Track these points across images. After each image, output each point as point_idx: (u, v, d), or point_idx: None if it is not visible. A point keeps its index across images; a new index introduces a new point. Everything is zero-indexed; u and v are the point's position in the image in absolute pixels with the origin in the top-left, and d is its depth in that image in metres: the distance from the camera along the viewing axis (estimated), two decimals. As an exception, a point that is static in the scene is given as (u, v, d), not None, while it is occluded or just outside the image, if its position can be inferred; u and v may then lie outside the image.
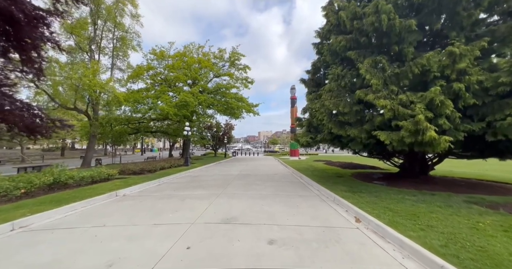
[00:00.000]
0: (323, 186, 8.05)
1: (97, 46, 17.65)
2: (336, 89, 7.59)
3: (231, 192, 7.56)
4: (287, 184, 9.30)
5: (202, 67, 23.39)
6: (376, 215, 4.50)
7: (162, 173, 12.26)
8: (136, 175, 11.42)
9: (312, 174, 11.80)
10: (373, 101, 6.02)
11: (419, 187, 7.20)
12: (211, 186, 8.76)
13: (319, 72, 10.68)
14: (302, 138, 10.19)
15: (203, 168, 16.34)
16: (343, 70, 7.52)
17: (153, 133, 24.87)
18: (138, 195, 7.23)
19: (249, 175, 12.36)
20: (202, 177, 11.75)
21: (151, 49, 22.78)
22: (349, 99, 7.20)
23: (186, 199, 6.59)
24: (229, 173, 13.44)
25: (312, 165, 17.33)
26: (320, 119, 8.26)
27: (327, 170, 13.27)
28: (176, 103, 17.49)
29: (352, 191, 6.90)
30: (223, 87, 23.09)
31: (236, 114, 25.93)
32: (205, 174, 12.83)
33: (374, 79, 6.18)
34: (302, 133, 10.57)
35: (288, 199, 6.54)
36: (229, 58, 26.13)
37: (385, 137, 5.72)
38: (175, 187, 8.63)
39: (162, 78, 22.97)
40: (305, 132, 10.48)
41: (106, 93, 15.82)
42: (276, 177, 11.66)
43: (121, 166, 12.57)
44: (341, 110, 7.04)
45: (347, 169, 13.45)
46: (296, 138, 11.41)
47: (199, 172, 14.19)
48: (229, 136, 38.95)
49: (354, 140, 7.40)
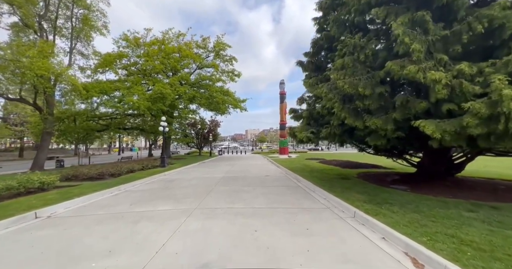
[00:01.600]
0: (331, 194, 6.22)
1: (51, 26, 14.65)
2: (351, 66, 5.73)
3: (210, 206, 5.50)
4: (283, 191, 7.39)
5: (183, 56, 20.85)
6: (449, 255, 2.67)
7: (127, 178, 9.89)
8: (91, 181, 8.99)
9: (310, 175, 9.99)
10: (415, 75, 4.22)
11: (456, 194, 5.57)
12: (185, 196, 6.63)
13: (320, 53, 8.82)
14: (300, 133, 8.31)
15: (182, 170, 14.05)
16: (362, 39, 5.67)
17: (126, 130, 21.99)
18: (72, 215, 4.95)
19: (236, 178, 10.33)
20: (178, 182, 9.54)
21: (122, 34, 19.91)
22: (370, 80, 5.37)
23: (142, 221, 4.44)
24: (212, 175, 11.32)
25: (306, 164, 15.62)
26: (328, 107, 6.39)
27: (326, 170, 11.55)
28: (150, 95, 14.95)
29: (374, 202, 5.11)
30: (207, 78, 20.69)
31: (221, 109, 23.66)
32: (183, 178, 10.62)
33: (415, 43, 4.36)
34: (301, 127, 8.69)
35: (291, 217, 4.61)
36: (213, 48, 23.77)
37: (433, 129, 3.94)
38: (136, 199, 6.41)
39: (137, 69, 20.17)
40: (304, 126, 8.61)
41: (62, 82, 12.98)
42: (269, 180, 9.72)
43: (74, 170, 10.02)
44: (360, 92, 5.19)
45: (347, 169, 11.82)
46: (293, 133, 9.52)
47: (176, 175, 11.92)
48: (214, 133, 36.47)
49: (374, 133, 5.61)
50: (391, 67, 4.78)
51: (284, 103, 32.30)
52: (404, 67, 4.59)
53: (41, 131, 13.90)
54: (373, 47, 5.56)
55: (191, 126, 33.29)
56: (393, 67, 4.73)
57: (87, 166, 12.58)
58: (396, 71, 4.72)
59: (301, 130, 8.34)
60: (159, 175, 11.46)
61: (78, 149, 36.97)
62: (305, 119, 9.07)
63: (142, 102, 13.48)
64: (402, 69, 4.63)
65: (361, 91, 5.21)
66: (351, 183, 7.72)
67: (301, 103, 9.93)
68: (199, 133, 35.02)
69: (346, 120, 5.90)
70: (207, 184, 8.67)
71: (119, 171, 10.84)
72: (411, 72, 4.32)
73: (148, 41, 20.79)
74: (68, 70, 14.35)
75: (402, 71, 4.61)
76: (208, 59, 24.24)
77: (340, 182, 7.94)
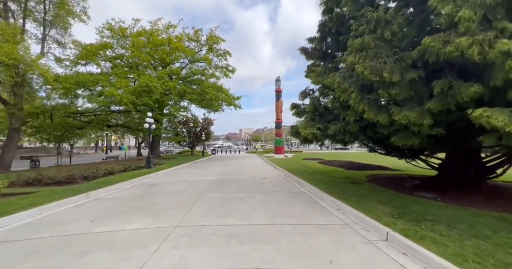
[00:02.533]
0: (345, 203, 5.09)
1: (20, 8, 12.95)
2: (373, 46, 4.59)
3: (196, 223, 4.25)
4: (286, 198, 6.21)
5: (173, 49, 19.33)
6: None
7: (103, 182, 8.50)
8: (57, 186, 7.57)
9: (313, 178, 8.86)
10: (467, 51, 3.14)
11: (506, 207, 4.52)
12: (166, 207, 5.35)
13: (327, 37, 7.67)
14: (304, 130, 7.14)
15: (170, 172, 12.68)
16: (388, 13, 4.52)
17: (111, 128, 20.32)
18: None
19: (230, 181, 9.08)
20: (162, 186, 8.22)
21: (105, 23, 18.24)
22: (398, 63, 4.23)
23: (95, 251, 3.15)
24: (203, 178, 10.03)
25: (305, 164, 14.51)
26: (341, 99, 5.22)
27: (329, 173, 10.45)
28: (134, 88, 13.46)
29: (407, 217, 3.99)
30: (199, 73, 19.23)
31: (214, 107, 22.31)
32: (168, 181, 9.29)
33: (465, 9, 3.26)
34: (304, 123, 7.52)
35: (303, 240, 3.43)
36: (206, 41, 22.35)
37: (505, 120, 2.83)
38: (103, 211, 5.08)
39: (123, 61, 18.53)
40: (308, 122, 7.44)
41: (29, 72, 11.35)
42: (267, 183, 8.52)
43: (37, 172, 8.51)
44: (386, 78, 4.05)
45: (353, 171, 10.77)
46: (295, 131, 8.36)
47: (162, 177, 10.57)
48: (207, 132, 34.95)
49: (404, 130, 4.48)
50: (430, 44, 3.65)
51: (280, 101, 31.17)
52: (448, 43, 3.48)
53: (7, 128, 12.23)
54: (402, 22, 4.41)
55: (183, 124, 31.72)
56: (433, 43, 3.60)
57: (56, 168, 11.04)
58: (437, 48, 3.59)
59: (305, 126, 7.18)
60: (142, 177, 10.09)
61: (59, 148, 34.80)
62: (309, 115, 7.92)
63: (124, 95, 12.00)
64: (445, 45, 3.51)
65: (386, 78, 4.06)
66: (365, 189, 6.62)
67: (304, 97, 8.77)
68: (191, 131, 33.48)
69: (366, 114, 4.76)
70: (195, 190, 7.40)
71: (95, 173, 9.40)
72: (461, 47, 3.21)
73: (135, 32, 19.20)
74: (40, 59, 12.76)
75: (445, 48, 3.49)
76: (200, 53, 22.79)
77: (352, 188, 6.82)
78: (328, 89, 6.36)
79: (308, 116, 7.81)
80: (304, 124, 7.44)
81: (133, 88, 13.19)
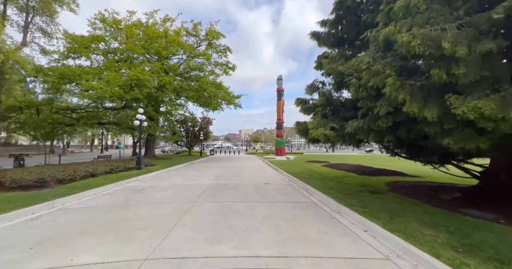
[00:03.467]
0: (374, 223, 3.89)
1: (1, -8, 11.77)
2: (424, 9, 3.38)
3: (174, 255, 3.04)
4: (294, 211, 5.00)
5: (170, 42, 18.13)
6: None
7: (79, 186, 7.28)
8: (22, 192, 6.36)
9: (323, 185, 7.65)
10: None
11: None
12: (142, 224, 4.14)
13: (343, 19, 6.47)
14: (316, 129, 5.99)
15: (161, 174, 11.47)
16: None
17: (103, 125, 19.11)
18: None
19: (227, 187, 7.87)
20: (147, 192, 7.00)
21: (97, 13, 17.08)
22: (463, 30, 3.04)
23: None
24: (196, 182, 8.82)
25: (310, 168, 13.29)
26: (372, 85, 4.02)
27: (340, 178, 9.23)
28: (124, 82, 12.24)
29: (485, 256, 2.77)
30: (197, 68, 18.00)
31: (213, 105, 21.08)
32: (157, 186, 8.08)
33: None
34: (316, 122, 6.30)
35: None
36: (205, 36, 21.20)
37: None
38: (58, 230, 3.86)
39: (117, 56, 17.32)
40: (320, 121, 6.23)
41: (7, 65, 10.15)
42: (270, 191, 7.30)
43: (4, 172, 7.28)
44: (446, 50, 2.87)
45: (366, 176, 9.56)
46: (303, 130, 7.17)
47: (151, 181, 9.35)
48: (206, 131, 33.72)
49: (463, 128, 3.29)
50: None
51: (282, 101, 29.96)
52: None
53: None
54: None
55: (181, 123, 30.52)
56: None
57: (39, 168, 9.83)
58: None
59: (317, 125, 5.99)
60: (129, 180, 8.88)
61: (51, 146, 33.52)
62: (320, 110, 6.74)
63: (108, 88, 10.75)
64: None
65: (447, 49, 2.87)
66: (392, 201, 5.40)
67: (312, 92, 7.58)
68: (189, 131, 32.28)
69: (406, 106, 3.57)
70: (185, 198, 6.18)
71: (72, 175, 8.18)
72: None
73: (130, 24, 18.03)
74: (21, 48, 11.60)
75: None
76: (199, 48, 21.63)
77: (374, 199, 5.61)
78: (347, 77, 5.14)
79: (319, 113, 6.61)
80: (315, 123, 6.21)
81: (122, 81, 11.96)
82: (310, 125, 6.50)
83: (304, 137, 7.55)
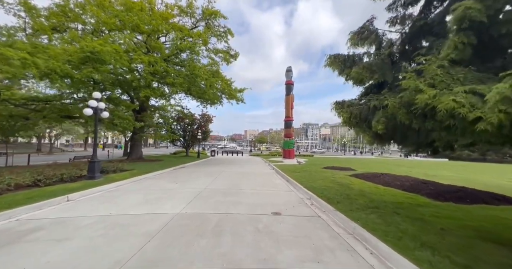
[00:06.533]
0: None
1: None
2: None
3: None
4: None
5: (156, 19, 14.48)
6: None
7: None
8: None
9: (390, 222, 3.76)
10: None
11: None
12: None
13: None
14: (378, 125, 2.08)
15: (120, 187, 7.81)
16: None
17: (75, 119, 15.66)
18: None
19: (200, 230, 4.11)
20: (21, 249, 3.31)
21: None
22: None
23: None
24: (154, 211, 5.10)
25: (337, 181, 9.36)
26: None
27: (413, 208, 5.31)
28: (70, 54, 8.47)
29: None
30: (187, 48, 14.24)
31: (209, 96, 17.38)
32: (65, 223, 4.40)
33: None
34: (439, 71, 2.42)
35: None
36: (202, 15, 17.66)
37: None
38: None
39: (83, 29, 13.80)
40: (445, 73, 2.36)
41: None
42: (284, 242, 3.48)
43: None
44: None
45: (453, 203, 5.60)
46: (351, 122, 3.35)
47: (81, 205, 5.70)
48: (205, 130, 30.00)
49: None
50: None
51: (291, 95, 26.07)
52: None
53: None
54: None
55: (177, 120, 27.03)
56: None
57: None
58: None
59: (439, 83, 2.13)
60: (38, 204, 5.25)
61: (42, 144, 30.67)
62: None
63: (41, 61, 7.10)
64: None
65: None
66: None
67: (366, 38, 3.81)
68: (187, 129, 28.74)
69: None
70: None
71: None
72: None
73: None
74: None
75: None
76: (195, 29, 18.06)
77: None
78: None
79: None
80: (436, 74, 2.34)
81: (69, 54, 8.24)
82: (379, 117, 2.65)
83: (360, 133, 3.72)
